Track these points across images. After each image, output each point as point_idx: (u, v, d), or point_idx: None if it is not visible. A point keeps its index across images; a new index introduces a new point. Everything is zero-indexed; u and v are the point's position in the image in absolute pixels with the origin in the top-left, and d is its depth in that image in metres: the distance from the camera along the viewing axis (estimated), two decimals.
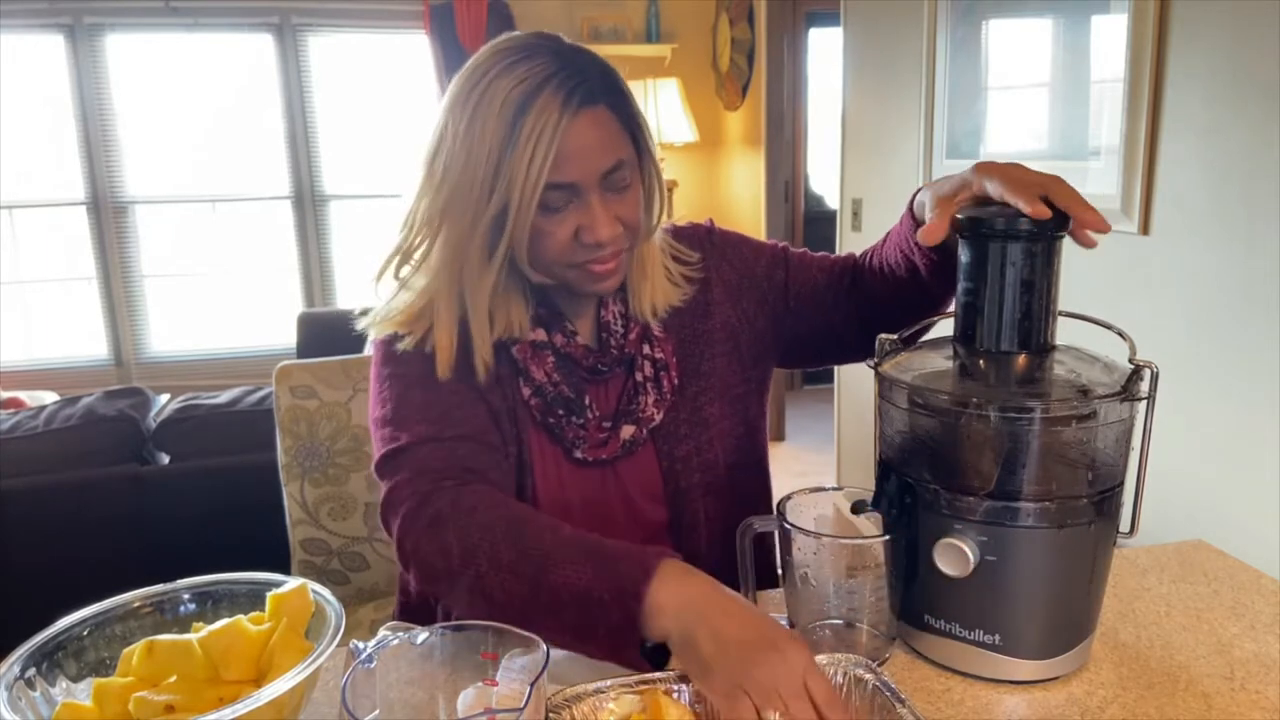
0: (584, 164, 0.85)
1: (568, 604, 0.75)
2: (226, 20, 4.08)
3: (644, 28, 4.33)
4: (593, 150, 0.85)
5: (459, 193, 0.86)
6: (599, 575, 0.75)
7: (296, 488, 1.42)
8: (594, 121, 0.85)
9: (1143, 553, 1.03)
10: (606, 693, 0.69)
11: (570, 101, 0.83)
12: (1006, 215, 0.75)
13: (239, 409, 2.13)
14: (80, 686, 0.70)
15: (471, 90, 0.85)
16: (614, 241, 0.89)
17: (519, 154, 0.82)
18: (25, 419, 2.09)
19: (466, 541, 0.80)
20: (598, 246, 0.88)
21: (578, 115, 0.84)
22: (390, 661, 0.65)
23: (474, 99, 0.85)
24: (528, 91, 0.83)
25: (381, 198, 4.43)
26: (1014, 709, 0.76)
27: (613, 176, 0.87)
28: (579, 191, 0.86)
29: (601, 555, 0.76)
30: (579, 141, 0.84)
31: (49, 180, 4.07)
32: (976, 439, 0.75)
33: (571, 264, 0.90)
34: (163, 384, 3.65)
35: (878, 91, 2.89)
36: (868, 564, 0.79)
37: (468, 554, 0.79)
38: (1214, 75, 1.61)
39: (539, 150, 0.82)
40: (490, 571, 0.78)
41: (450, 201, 0.87)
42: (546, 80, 0.83)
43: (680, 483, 1.00)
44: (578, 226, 0.87)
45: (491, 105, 0.83)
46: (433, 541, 0.82)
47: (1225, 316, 1.63)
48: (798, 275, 1.06)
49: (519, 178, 0.83)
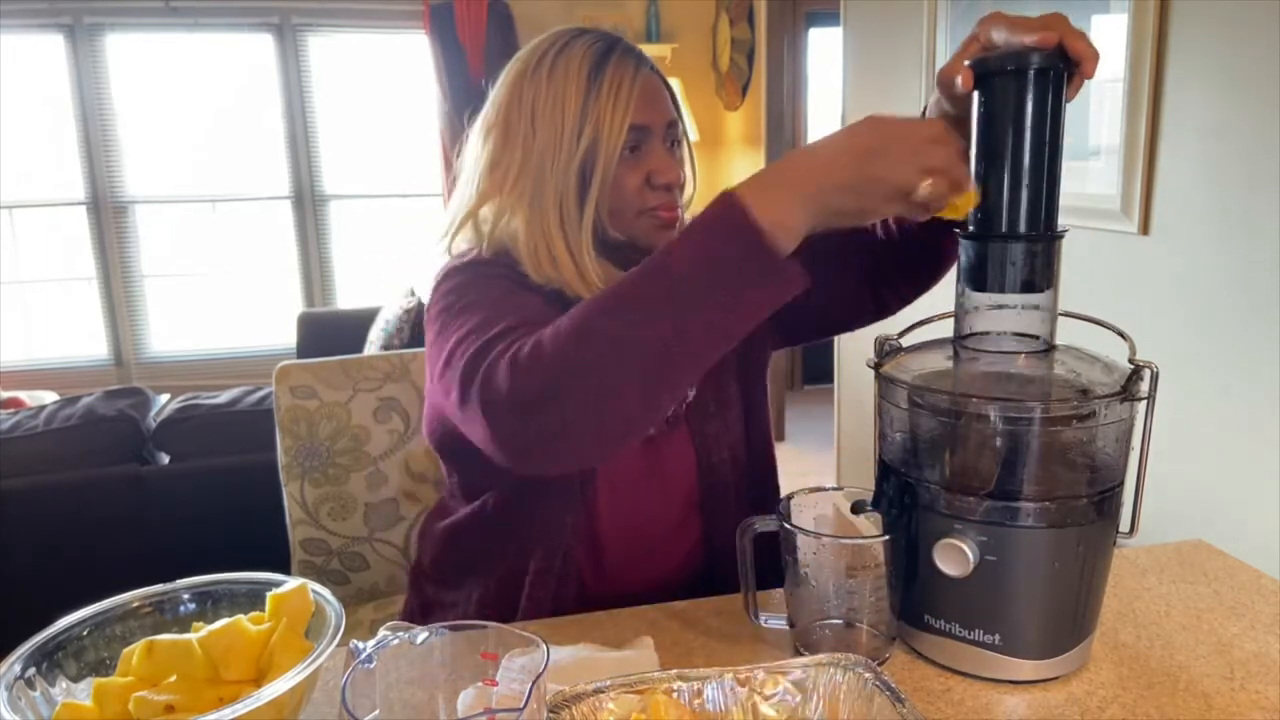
0: (656, 111, 0.97)
1: (700, 281, 0.71)
2: (226, 20, 4.08)
3: (644, 28, 4.33)
4: (660, 101, 0.98)
5: (548, 144, 0.93)
6: (705, 241, 0.72)
7: (296, 488, 1.42)
8: (656, 82, 0.98)
9: (1143, 553, 1.03)
10: (606, 693, 0.69)
11: (640, 62, 0.96)
12: (1016, 53, 0.74)
13: (239, 409, 2.13)
14: (80, 686, 0.70)
15: (544, 56, 0.95)
16: (679, 186, 0.99)
17: (604, 98, 0.93)
18: (25, 419, 2.09)
19: (577, 326, 0.73)
20: (667, 190, 0.97)
21: (646, 73, 0.96)
22: (390, 661, 0.65)
23: (549, 61, 0.95)
24: (601, 51, 0.95)
25: (382, 198, 4.43)
26: (1014, 709, 0.76)
27: (672, 130, 0.99)
28: (649, 136, 0.96)
29: (690, 237, 0.73)
30: (650, 91, 0.96)
31: (49, 180, 4.08)
32: (976, 439, 0.75)
33: (644, 209, 0.97)
34: (163, 384, 3.66)
35: (878, 91, 2.89)
36: (868, 564, 0.79)
37: (586, 333, 0.72)
38: (1214, 75, 1.61)
39: (623, 92, 0.93)
40: (618, 324, 0.72)
41: (539, 160, 0.94)
42: (614, 45, 0.96)
43: (712, 458, 1.04)
44: (649, 171, 0.96)
45: (570, 63, 0.94)
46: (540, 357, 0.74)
47: (1225, 316, 1.63)
48: (800, 247, 1.07)
49: (606, 117, 0.92)
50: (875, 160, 0.71)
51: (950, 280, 0.82)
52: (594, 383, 0.71)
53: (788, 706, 0.69)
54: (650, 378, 0.72)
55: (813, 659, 0.70)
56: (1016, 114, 0.75)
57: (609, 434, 0.75)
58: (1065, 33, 0.73)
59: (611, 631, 0.89)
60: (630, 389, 0.72)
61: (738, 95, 4.18)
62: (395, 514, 1.46)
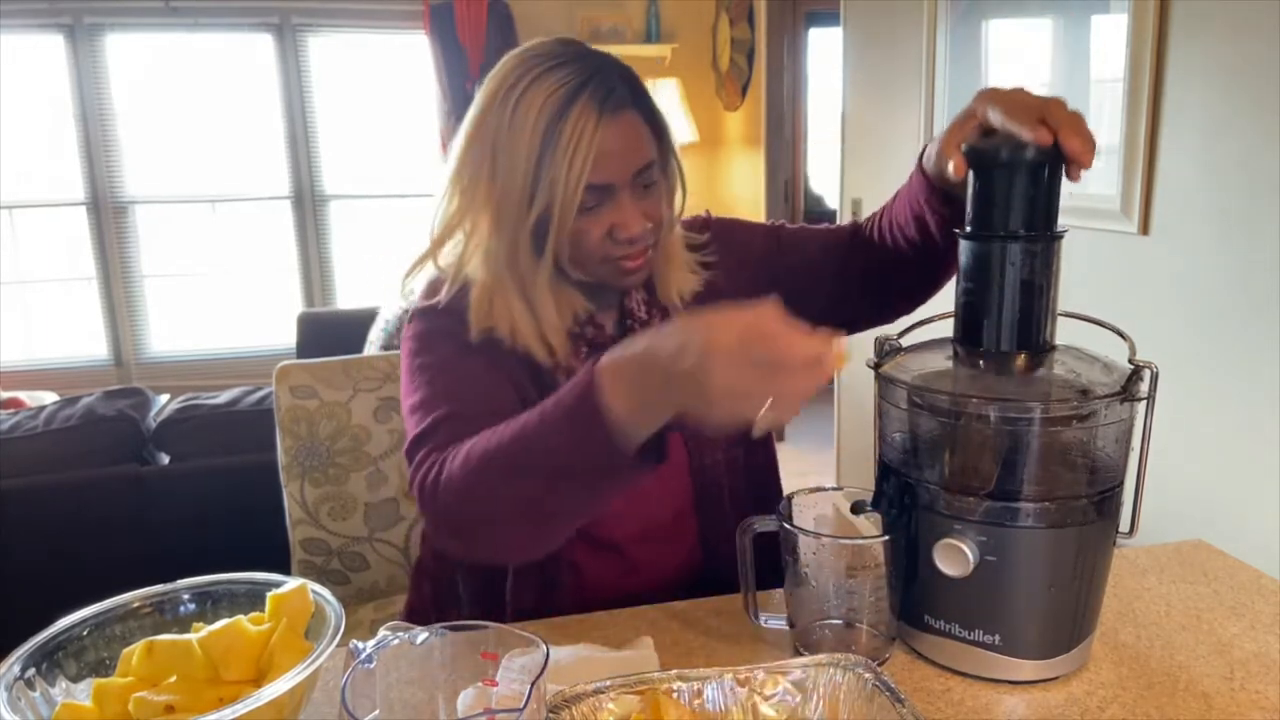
0: (618, 165, 0.89)
1: (563, 472, 0.76)
2: (226, 20, 4.08)
3: (644, 28, 4.33)
4: (626, 152, 0.90)
5: (503, 197, 0.90)
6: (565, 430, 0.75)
7: (296, 488, 1.42)
8: (625, 125, 0.90)
9: (1143, 553, 1.03)
10: (606, 693, 0.69)
11: (604, 107, 0.87)
12: (1010, 144, 0.75)
13: (239, 409, 2.13)
14: (80, 686, 0.70)
15: (507, 96, 0.89)
16: (644, 237, 0.93)
17: (559, 158, 0.86)
18: (25, 419, 2.09)
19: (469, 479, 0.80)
20: (630, 243, 0.92)
21: (612, 119, 0.88)
22: (390, 661, 0.65)
23: (510, 104, 0.88)
24: (564, 98, 0.87)
25: (381, 198, 4.43)
26: (1014, 709, 0.76)
27: (642, 175, 0.92)
28: (613, 191, 0.90)
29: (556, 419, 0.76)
30: (613, 144, 0.88)
31: (49, 180, 4.07)
32: (976, 439, 0.75)
33: (606, 259, 0.94)
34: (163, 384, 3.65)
35: (878, 91, 2.89)
36: (868, 564, 0.79)
37: (473, 490, 0.80)
38: (1214, 75, 1.61)
39: (579, 153, 0.86)
40: (489, 496, 0.79)
41: (497, 206, 0.91)
42: (580, 87, 0.87)
43: (705, 460, 1.04)
44: (611, 225, 0.91)
45: (529, 112, 0.87)
46: (439, 505, 0.82)
47: (1225, 316, 1.63)
48: (794, 252, 1.09)
49: (560, 180, 0.87)
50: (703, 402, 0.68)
51: (950, 280, 0.82)
52: (490, 526, 0.81)
53: (788, 706, 0.69)
54: (533, 525, 0.80)
55: (813, 659, 0.70)
56: (1008, 203, 0.76)
57: (515, 555, 0.88)
58: (1061, 125, 0.73)
59: (611, 631, 0.89)
60: (519, 532, 0.81)
61: (738, 95, 4.18)
62: (395, 514, 1.46)
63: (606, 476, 0.76)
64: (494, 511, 0.79)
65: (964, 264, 0.79)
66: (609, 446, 0.72)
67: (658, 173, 0.94)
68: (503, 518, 0.80)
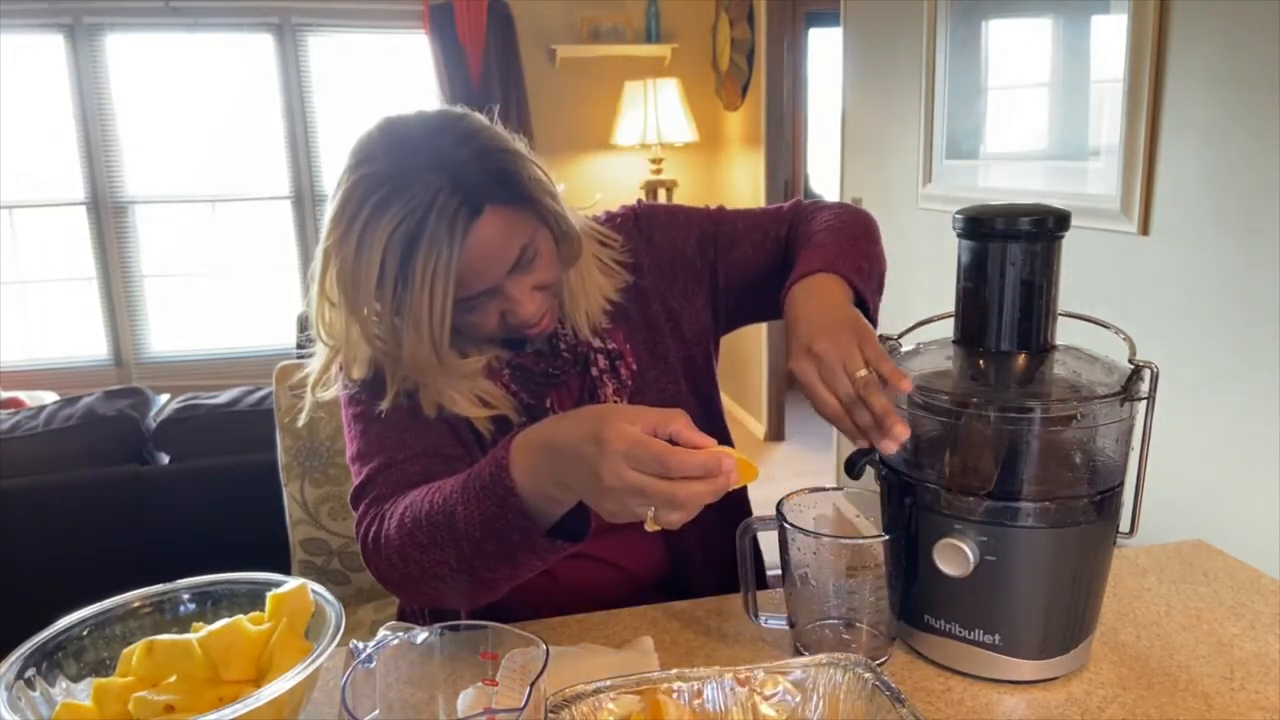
0: (488, 270, 0.85)
1: (487, 537, 0.78)
2: (226, 20, 4.08)
3: (644, 28, 4.32)
4: (493, 254, 0.84)
5: (375, 328, 0.88)
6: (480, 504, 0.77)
7: (296, 488, 1.42)
8: (487, 228, 0.82)
9: (1143, 553, 1.03)
10: (606, 693, 0.69)
11: (457, 222, 0.80)
12: (1006, 216, 0.75)
13: (239, 409, 2.13)
14: (80, 686, 0.70)
15: (348, 232, 0.81)
16: (540, 306, 0.91)
17: (418, 297, 0.81)
18: (25, 419, 2.09)
19: (401, 546, 0.83)
20: (525, 324, 0.91)
21: (469, 230, 0.81)
22: (390, 661, 0.65)
23: (353, 240, 0.81)
24: (411, 230, 0.79)
25: None
26: (1014, 709, 0.76)
27: (520, 261, 0.87)
28: (490, 291, 0.87)
29: (474, 486, 0.78)
30: (477, 253, 0.83)
31: (49, 180, 4.07)
32: (976, 439, 0.75)
33: (508, 332, 0.93)
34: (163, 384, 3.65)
35: (878, 91, 2.89)
36: (868, 564, 0.79)
37: (406, 555, 0.83)
38: (1214, 75, 1.61)
39: (437, 287, 0.81)
40: (423, 559, 0.81)
41: (368, 332, 0.88)
42: (428, 211, 0.79)
43: None
44: (501, 310, 0.90)
45: (373, 253, 0.80)
46: (388, 561, 0.85)
47: (1225, 316, 1.63)
48: (727, 253, 1.08)
49: (424, 315, 0.82)
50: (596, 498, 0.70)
51: (950, 280, 0.82)
52: (427, 583, 0.83)
53: (788, 706, 0.69)
54: (468, 583, 0.82)
55: (813, 659, 0.70)
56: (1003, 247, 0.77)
57: (459, 605, 0.88)
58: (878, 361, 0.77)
59: (611, 631, 0.89)
60: (455, 589, 0.82)
61: (738, 95, 4.18)
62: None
63: (524, 549, 0.78)
64: (427, 572, 0.82)
65: (964, 264, 0.79)
66: (521, 522, 0.75)
67: (536, 244, 0.87)
68: (436, 576, 0.82)
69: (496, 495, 0.76)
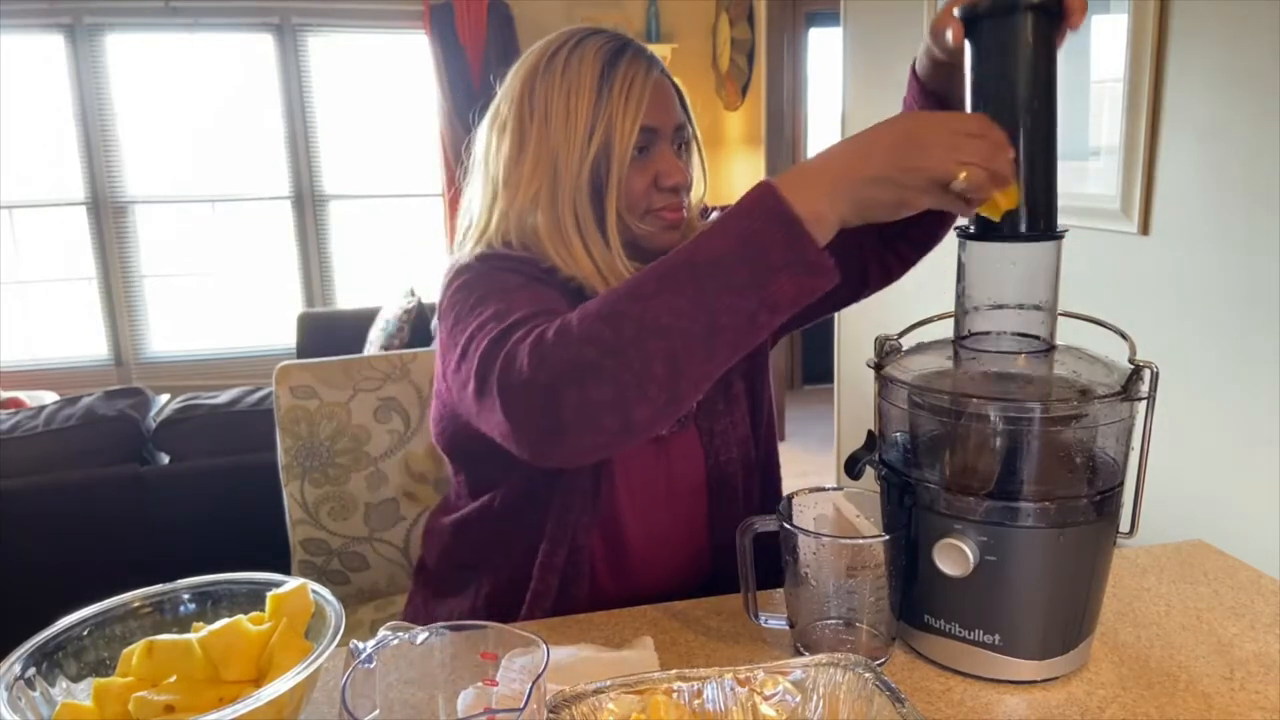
0: (665, 113, 0.97)
1: (730, 264, 0.70)
2: (226, 20, 4.08)
3: (644, 28, 4.33)
4: (670, 104, 0.98)
5: (561, 143, 0.94)
6: (735, 230, 0.71)
7: (296, 488, 1.42)
8: (665, 85, 0.98)
9: (1143, 553, 1.03)
10: (606, 693, 0.69)
11: (651, 64, 0.96)
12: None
13: (239, 409, 2.13)
14: (80, 686, 0.70)
15: (556, 55, 0.95)
16: (683, 188, 0.99)
17: (616, 98, 0.93)
18: (25, 419, 2.09)
19: (604, 309, 0.73)
20: (673, 191, 0.98)
21: (657, 75, 0.97)
22: (390, 661, 0.65)
23: (562, 59, 0.95)
24: (614, 50, 0.95)
25: (381, 198, 4.43)
26: (1014, 709, 0.76)
27: (680, 133, 0.99)
28: (657, 139, 0.97)
29: (720, 226, 0.73)
30: (661, 94, 0.97)
31: (49, 180, 4.08)
32: (976, 439, 0.75)
33: (649, 210, 0.98)
34: (163, 384, 3.66)
35: (878, 91, 2.89)
36: (868, 564, 0.79)
37: (613, 316, 0.72)
38: (1214, 75, 1.61)
39: (634, 92, 0.94)
40: (645, 307, 0.71)
41: (556, 152, 0.94)
42: (625, 46, 0.96)
43: (719, 455, 1.04)
44: (656, 173, 0.97)
45: (584, 62, 0.94)
46: (565, 340, 0.74)
47: (1225, 316, 1.63)
48: None
49: (618, 117, 0.93)
50: (911, 151, 0.71)
51: (950, 280, 0.82)
52: (619, 368, 0.71)
53: (788, 706, 0.69)
54: (675, 366, 0.71)
55: (813, 659, 0.70)
56: (1007, 57, 0.75)
57: (630, 423, 0.72)
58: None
59: (611, 631, 0.89)
60: (656, 376, 0.71)
61: (738, 95, 4.18)
62: (395, 514, 1.46)
63: (789, 271, 0.70)
64: (629, 352, 0.70)
65: (964, 263, 0.79)
66: (796, 233, 0.70)
67: (690, 137, 1.02)
68: (639, 360, 0.70)
69: (765, 209, 0.71)
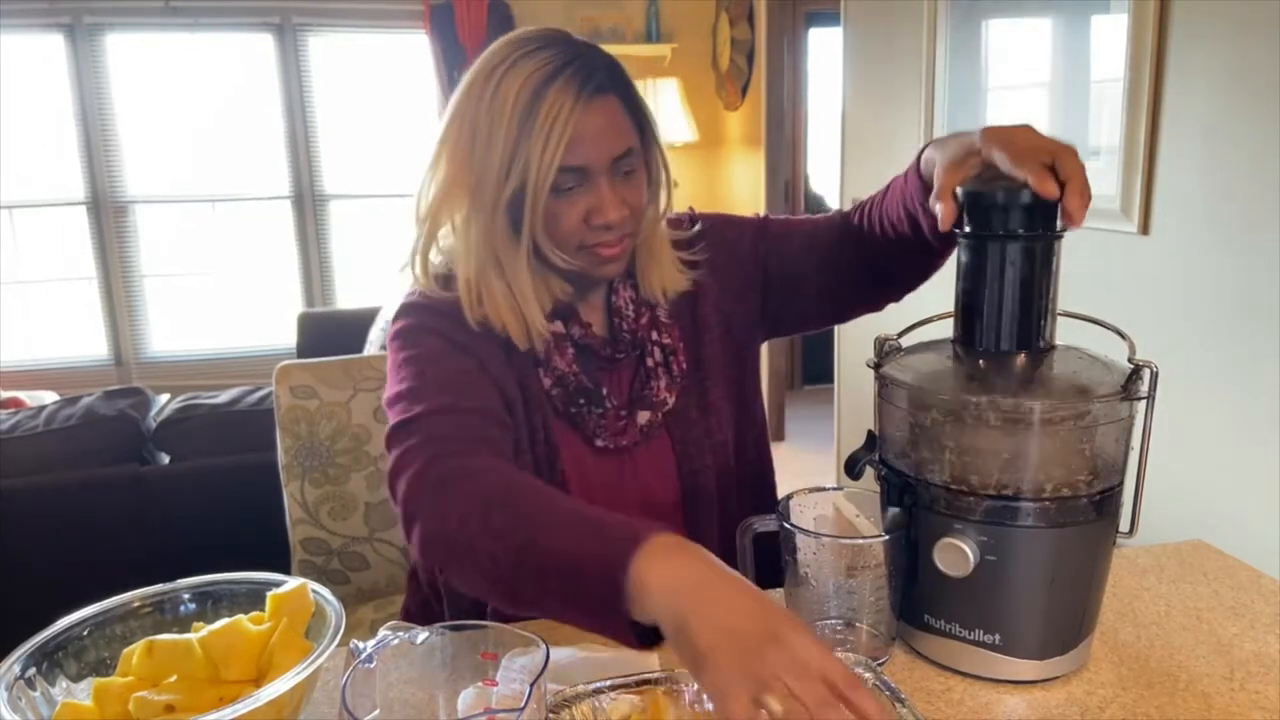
0: (595, 149, 0.89)
1: (552, 572, 0.71)
2: (226, 20, 4.07)
3: (644, 28, 4.32)
4: (604, 136, 0.90)
5: (481, 173, 0.90)
6: (586, 544, 0.70)
7: (296, 488, 1.42)
8: (605, 109, 0.90)
9: (1143, 553, 1.03)
10: (606, 693, 0.69)
11: (584, 89, 0.87)
12: (1009, 190, 0.75)
13: (239, 409, 2.13)
14: (80, 686, 0.70)
15: (489, 76, 0.89)
16: (621, 224, 0.92)
17: (535, 137, 0.86)
18: (25, 419, 2.08)
19: (463, 506, 0.77)
20: (606, 229, 0.91)
21: (590, 103, 0.88)
22: (390, 661, 0.65)
23: (492, 84, 0.89)
24: (543, 78, 0.87)
25: (381, 198, 4.43)
26: (1014, 709, 0.76)
27: (621, 162, 0.91)
28: (589, 175, 0.90)
29: (593, 524, 0.72)
30: (591, 127, 0.88)
31: (49, 180, 4.07)
32: (976, 439, 0.75)
33: (582, 245, 0.93)
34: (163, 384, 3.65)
35: (878, 91, 2.89)
36: (868, 564, 0.79)
37: (463, 519, 0.76)
38: (1214, 75, 1.61)
39: (554, 133, 0.86)
40: (481, 537, 0.75)
41: (475, 182, 0.90)
42: (561, 69, 0.88)
43: (693, 465, 1.02)
44: (588, 209, 0.91)
45: (509, 90, 0.88)
46: (434, 505, 0.80)
47: (1225, 316, 1.63)
48: (782, 244, 1.08)
49: (535, 159, 0.87)
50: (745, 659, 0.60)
51: (950, 280, 0.82)
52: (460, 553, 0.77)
53: None
54: (500, 589, 0.76)
55: None
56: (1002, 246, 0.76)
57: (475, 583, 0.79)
58: (1070, 179, 0.74)
59: None
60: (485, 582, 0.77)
61: (738, 95, 4.18)
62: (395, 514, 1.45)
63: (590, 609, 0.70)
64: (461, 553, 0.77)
65: (964, 264, 0.79)
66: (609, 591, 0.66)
67: (638, 161, 0.94)
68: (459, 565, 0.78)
69: (616, 545, 0.67)
